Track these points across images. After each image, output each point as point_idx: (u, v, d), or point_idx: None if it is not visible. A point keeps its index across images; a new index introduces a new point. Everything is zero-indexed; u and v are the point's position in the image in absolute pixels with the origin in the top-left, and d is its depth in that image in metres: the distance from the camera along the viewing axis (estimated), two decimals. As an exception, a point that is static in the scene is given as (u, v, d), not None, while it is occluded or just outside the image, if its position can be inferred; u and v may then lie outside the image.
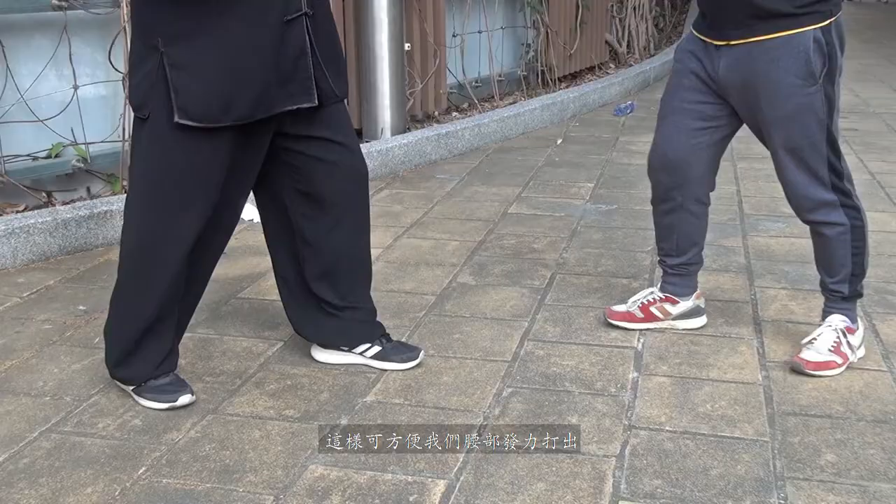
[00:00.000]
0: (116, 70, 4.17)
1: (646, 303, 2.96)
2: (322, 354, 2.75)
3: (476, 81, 6.50)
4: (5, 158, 3.91)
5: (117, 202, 3.88)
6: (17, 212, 3.90)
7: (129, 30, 4.14)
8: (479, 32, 6.53)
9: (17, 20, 3.90)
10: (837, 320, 2.73)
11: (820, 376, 2.65)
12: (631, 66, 8.34)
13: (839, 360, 2.67)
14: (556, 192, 4.65)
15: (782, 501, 2.08)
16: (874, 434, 2.35)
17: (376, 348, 2.71)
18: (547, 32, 6.97)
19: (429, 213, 4.31)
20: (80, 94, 4.14)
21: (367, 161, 4.86)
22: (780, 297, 3.26)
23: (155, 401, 2.49)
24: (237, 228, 4.05)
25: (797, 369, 2.66)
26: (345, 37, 5.23)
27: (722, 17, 2.55)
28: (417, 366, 2.72)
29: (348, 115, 2.58)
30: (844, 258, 2.70)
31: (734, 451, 2.28)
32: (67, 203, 4.05)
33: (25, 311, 3.16)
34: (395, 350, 2.72)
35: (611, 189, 4.71)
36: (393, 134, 5.33)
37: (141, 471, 2.20)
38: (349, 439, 2.33)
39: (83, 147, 4.13)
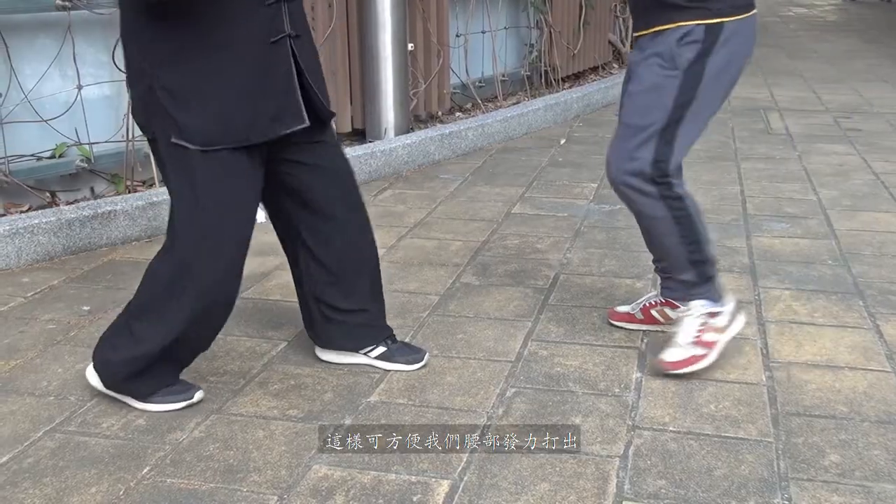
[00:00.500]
0: (120, 70, 4.17)
1: (647, 305, 2.97)
2: (327, 354, 2.75)
3: (479, 81, 6.50)
4: (9, 158, 3.92)
5: (121, 202, 3.89)
6: (21, 212, 3.91)
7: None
8: (483, 32, 6.53)
9: (21, 20, 3.91)
10: (698, 306, 2.71)
11: (683, 373, 2.64)
12: (634, 66, 8.34)
13: (700, 352, 2.66)
14: (560, 193, 4.65)
15: (786, 502, 2.08)
16: (878, 435, 2.35)
17: (381, 349, 2.71)
18: (550, 32, 6.97)
19: (432, 213, 4.31)
20: (83, 94, 4.14)
21: (371, 161, 4.86)
22: (784, 297, 3.25)
23: (167, 402, 2.48)
24: (241, 228, 4.05)
25: (659, 372, 2.68)
26: (348, 37, 5.23)
27: (633, 12, 2.64)
28: (422, 367, 2.72)
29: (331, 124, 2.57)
30: (676, 248, 2.66)
31: (738, 451, 2.28)
32: (71, 203, 4.06)
33: (29, 310, 3.17)
34: (401, 351, 2.72)
35: (614, 189, 4.71)
36: (396, 134, 5.33)
37: (145, 470, 2.20)
38: (352, 439, 2.34)
39: (87, 147, 4.13)
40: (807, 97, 7.57)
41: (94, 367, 2.49)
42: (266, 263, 3.62)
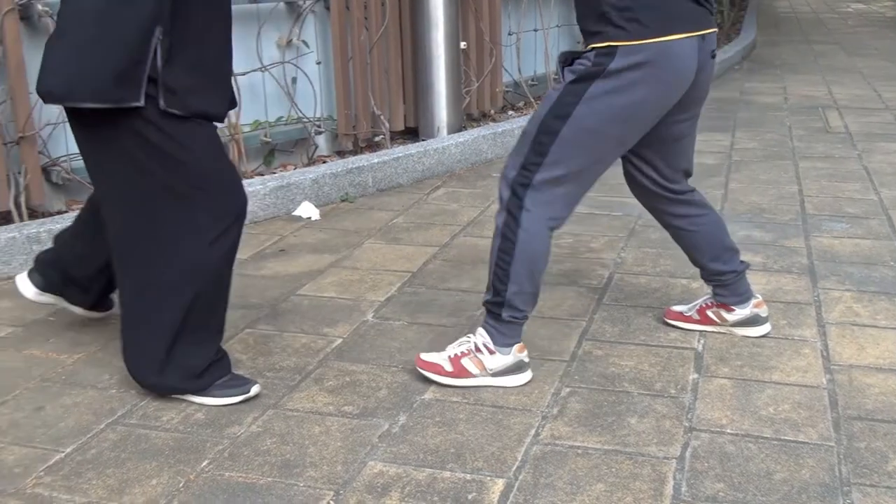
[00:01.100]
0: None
1: (703, 306, 2.93)
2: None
3: (532, 80, 6.48)
4: (71, 156, 3.99)
5: (179, 199, 3.94)
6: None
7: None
8: (535, 31, 6.51)
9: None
10: (480, 334, 2.60)
11: (423, 374, 2.62)
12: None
13: (448, 368, 2.58)
14: (614, 191, 4.62)
15: (848, 507, 2.04)
16: (943, 440, 2.30)
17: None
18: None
19: (485, 212, 4.30)
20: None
21: (423, 159, 4.88)
22: (845, 298, 3.20)
23: (226, 396, 2.52)
24: (296, 226, 4.10)
25: (413, 365, 2.69)
26: (401, 36, 5.25)
27: None
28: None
29: None
30: (490, 263, 2.56)
31: (798, 455, 2.24)
32: (130, 200, 4.12)
33: (91, 305, 3.23)
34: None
35: (669, 188, 4.66)
36: (449, 132, 5.33)
37: (204, 464, 2.23)
38: (407, 436, 2.35)
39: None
40: (866, 95, 7.43)
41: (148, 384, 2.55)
42: (321, 261, 3.64)
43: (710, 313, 2.91)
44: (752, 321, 2.89)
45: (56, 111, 3.89)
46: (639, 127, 2.47)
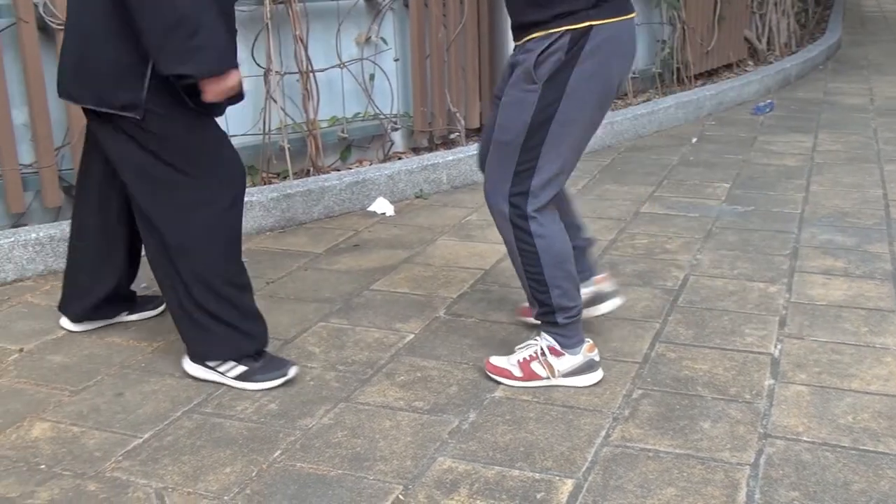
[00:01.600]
0: (259, 65, 4.30)
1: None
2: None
3: (609, 78, 6.42)
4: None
5: (257, 193, 4.01)
6: (164, 200, 4.08)
7: (271, 26, 4.27)
8: (614, 29, 6.44)
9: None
10: (545, 338, 2.60)
11: (493, 378, 2.60)
12: (771, 63, 8.09)
13: (518, 373, 2.58)
14: (691, 192, 4.55)
15: (929, 521, 1.98)
16: None
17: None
18: (683, 29, 6.83)
19: (559, 211, 4.28)
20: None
21: (499, 157, 4.86)
22: (930, 307, 3.10)
23: (265, 380, 2.58)
24: (370, 221, 4.13)
25: (480, 368, 2.65)
26: (479, 34, 5.25)
27: (512, 22, 2.51)
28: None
29: None
30: (522, 279, 2.59)
31: (878, 466, 2.18)
32: (210, 193, 4.20)
33: (170, 295, 3.30)
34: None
35: (748, 190, 4.58)
36: (524, 130, 5.31)
37: (276, 454, 2.27)
38: (477, 433, 2.35)
39: (226, 139, 4.27)
40: (957, 97, 7.18)
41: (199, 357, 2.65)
42: (395, 256, 3.67)
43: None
44: (598, 299, 2.88)
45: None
46: (609, 102, 2.52)
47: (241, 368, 2.59)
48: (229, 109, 4.26)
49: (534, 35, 2.40)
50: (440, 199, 4.49)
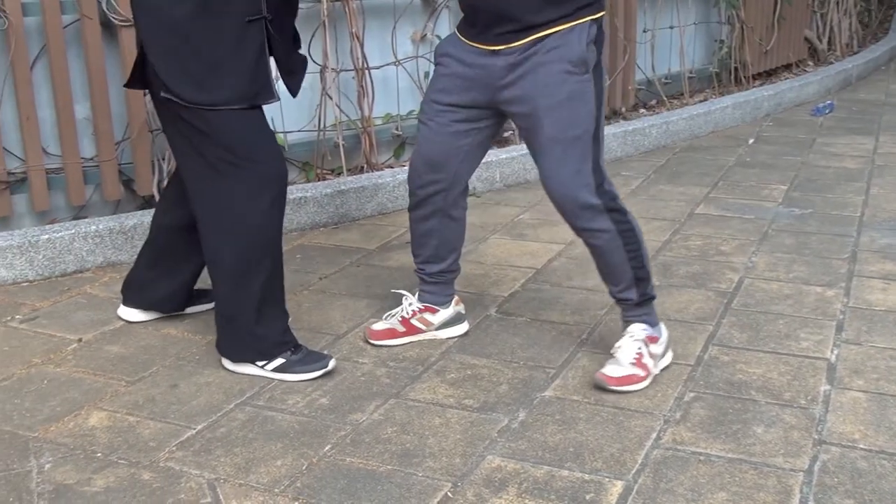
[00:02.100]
0: (315, 62, 4.34)
1: (406, 316, 2.87)
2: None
3: (665, 78, 6.36)
4: (211, 144, 4.14)
5: (311, 189, 4.05)
6: (220, 195, 4.13)
7: (328, 24, 4.31)
8: (671, 28, 6.39)
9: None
10: (638, 330, 2.63)
11: (624, 391, 2.52)
12: (831, 63, 7.94)
13: (641, 373, 2.55)
14: (747, 194, 4.49)
15: None
16: None
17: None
18: (742, 28, 6.74)
19: (612, 211, 4.25)
20: (279, 85, 4.32)
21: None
22: None
23: (304, 372, 2.61)
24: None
25: (601, 386, 2.54)
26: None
27: (497, 25, 2.46)
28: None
29: None
30: (622, 265, 2.59)
31: (936, 475, 2.14)
32: (265, 188, 4.25)
33: (225, 289, 3.34)
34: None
35: (806, 192, 4.50)
36: (578, 129, 5.28)
37: (326, 448, 2.29)
38: (526, 433, 2.35)
39: (281, 135, 4.32)
40: None
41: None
42: (446, 254, 3.67)
43: (414, 321, 2.88)
44: (456, 319, 2.92)
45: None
46: None
47: (279, 361, 2.63)
48: (284, 105, 4.32)
49: (556, 28, 2.44)
50: (493, 198, 4.49)
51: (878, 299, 3.17)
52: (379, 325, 2.88)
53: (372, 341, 2.85)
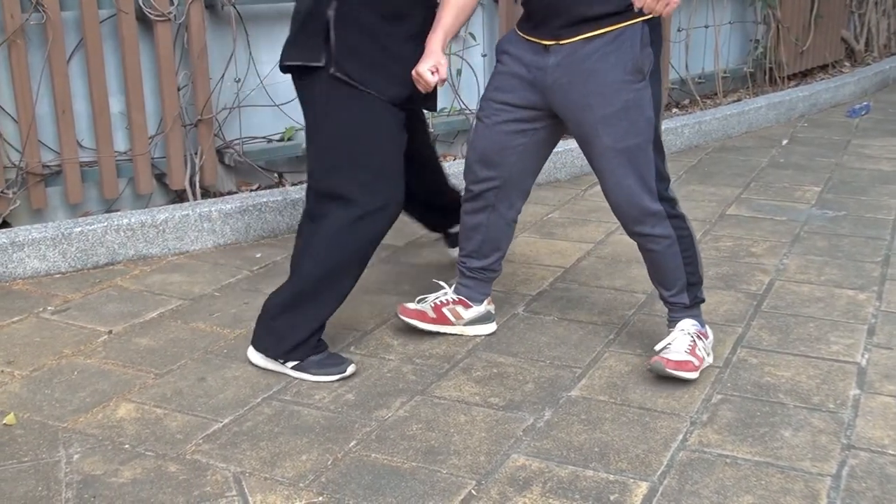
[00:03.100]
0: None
1: (439, 303, 2.87)
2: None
3: (699, 77, 6.32)
4: (243, 140, 4.18)
5: (341, 185, 4.06)
6: (251, 190, 4.16)
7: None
8: (706, 27, 6.34)
9: (260, 10, 4.15)
10: (689, 325, 2.65)
11: (679, 377, 2.53)
12: (868, 64, 7.84)
13: (696, 362, 2.56)
14: (779, 195, 4.45)
15: None
16: None
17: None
18: (778, 27, 6.67)
19: (643, 211, 4.23)
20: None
21: (582, 155, 4.83)
22: None
23: (322, 374, 2.61)
24: (452, 216, 4.14)
25: (657, 370, 2.54)
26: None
27: (550, 17, 2.45)
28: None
29: None
30: (677, 270, 2.59)
31: (967, 483, 2.11)
32: (297, 184, 4.27)
33: (255, 283, 3.37)
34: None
35: (839, 194, 4.45)
36: (610, 129, 5.26)
37: (352, 444, 2.30)
38: (551, 432, 2.34)
39: (312, 131, 4.33)
40: None
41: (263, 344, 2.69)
42: (474, 252, 3.67)
43: (446, 311, 2.87)
44: (486, 318, 2.90)
45: (231, 97, 4.08)
46: None
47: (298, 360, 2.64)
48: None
49: (607, 29, 2.42)
50: (522, 196, 4.48)
51: (912, 304, 3.13)
52: (411, 305, 2.91)
53: (400, 316, 2.85)
